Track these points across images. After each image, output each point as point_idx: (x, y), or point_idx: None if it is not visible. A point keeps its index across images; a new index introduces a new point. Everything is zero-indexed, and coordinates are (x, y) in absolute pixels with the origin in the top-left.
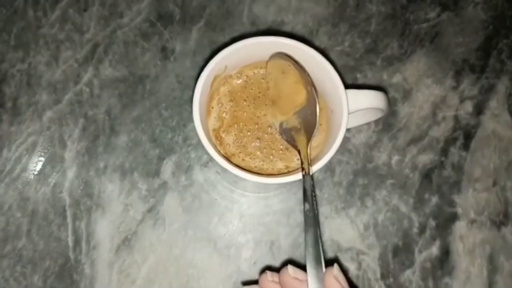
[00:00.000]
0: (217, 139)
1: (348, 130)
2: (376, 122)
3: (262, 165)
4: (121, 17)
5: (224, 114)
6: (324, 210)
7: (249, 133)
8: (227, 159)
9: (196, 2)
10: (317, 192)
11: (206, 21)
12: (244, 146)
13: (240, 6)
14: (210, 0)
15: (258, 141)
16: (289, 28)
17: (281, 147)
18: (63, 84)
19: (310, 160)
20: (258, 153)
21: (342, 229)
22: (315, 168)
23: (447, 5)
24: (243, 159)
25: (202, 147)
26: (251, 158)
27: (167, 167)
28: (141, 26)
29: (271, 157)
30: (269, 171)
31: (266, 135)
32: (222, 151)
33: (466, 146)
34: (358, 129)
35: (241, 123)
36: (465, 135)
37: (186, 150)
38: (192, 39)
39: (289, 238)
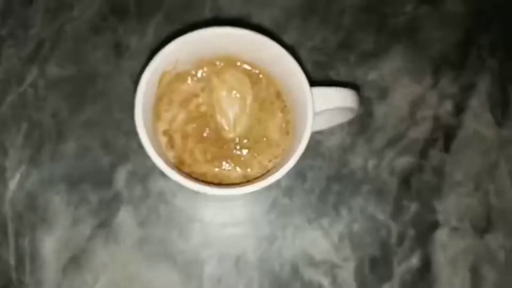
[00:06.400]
0: (168, 142)
1: (320, 132)
2: (350, 123)
3: (220, 172)
4: (71, 9)
5: (176, 114)
6: (295, 220)
7: (204, 135)
8: (179, 167)
9: None
10: (287, 201)
11: (165, 15)
12: (197, 151)
13: None
14: None
15: (211, 144)
16: (256, 21)
17: (238, 152)
18: (4, 85)
19: None
20: (211, 158)
21: (315, 240)
22: (278, 175)
23: None
24: (197, 166)
25: None
26: (208, 164)
27: (121, 176)
28: (92, 20)
29: (228, 163)
30: (226, 180)
31: (222, 138)
32: (174, 157)
33: (446, 148)
34: (331, 131)
35: (196, 125)
36: (445, 135)
37: (142, 157)
38: (149, 34)
39: (257, 252)
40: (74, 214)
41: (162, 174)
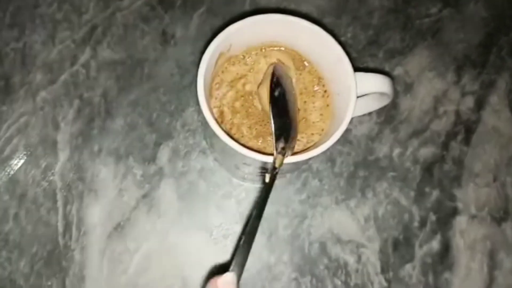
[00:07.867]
0: (219, 117)
1: (349, 121)
2: (378, 114)
3: (263, 147)
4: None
5: (226, 92)
6: (324, 201)
7: (250, 112)
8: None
9: None
10: (317, 183)
11: (208, 7)
12: (243, 127)
13: None
14: None
15: (256, 122)
16: None
17: None
18: (58, 64)
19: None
20: (256, 134)
21: (342, 221)
22: (317, 151)
23: (448, 2)
24: (243, 140)
25: (201, 132)
26: (253, 140)
27: (164, 153)
28: (141, 10)
29: (270, 140)
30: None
31: (266, 116)
32: (224, 130)
33: (467, 141)
34: (360, 120)
35: (243, 102)
36: (466, 129)
37: (184, 136)
38: (193, 24)
39: (288, 229)
40: (120, 185)
41: (203, 152)
